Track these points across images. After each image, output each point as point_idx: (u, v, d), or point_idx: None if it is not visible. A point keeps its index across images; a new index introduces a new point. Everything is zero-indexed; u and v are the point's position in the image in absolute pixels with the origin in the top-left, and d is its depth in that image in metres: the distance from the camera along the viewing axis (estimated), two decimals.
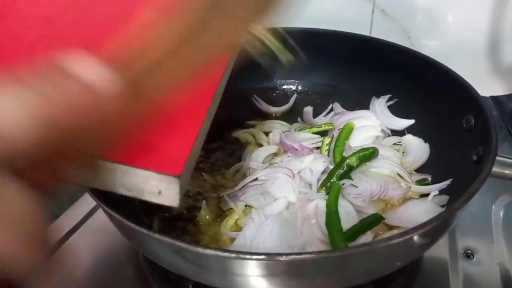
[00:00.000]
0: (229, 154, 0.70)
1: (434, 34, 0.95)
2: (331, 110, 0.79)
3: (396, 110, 0.75)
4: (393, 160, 0.64)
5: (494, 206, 0.67)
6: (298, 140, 0.68)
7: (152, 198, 0.36)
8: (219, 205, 0.60)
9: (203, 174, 0.65)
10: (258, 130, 0.76)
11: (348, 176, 0.61)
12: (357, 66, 0.79)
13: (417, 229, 0.40)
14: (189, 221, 0.59)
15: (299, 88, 0.85)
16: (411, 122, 0.72)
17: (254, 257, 0.38)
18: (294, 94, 0.84)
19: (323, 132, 0.72)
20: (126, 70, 0.24)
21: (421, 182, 0.62)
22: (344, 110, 0.78)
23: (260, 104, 0.82)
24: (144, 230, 0.40)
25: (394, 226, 0.56)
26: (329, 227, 0.53)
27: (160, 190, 0.35)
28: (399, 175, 0.63)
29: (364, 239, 0.52)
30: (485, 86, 0.72)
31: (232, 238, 0.55)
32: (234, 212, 0.58)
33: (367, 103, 0.76)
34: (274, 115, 0.81)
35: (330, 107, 0.80)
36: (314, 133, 0.72)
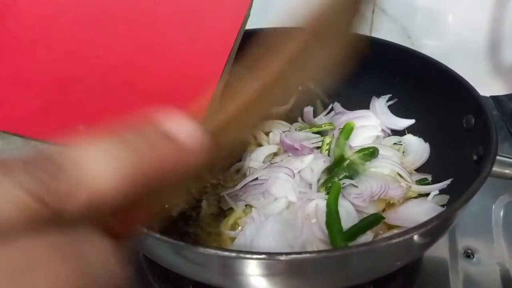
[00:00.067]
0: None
1: (434, 34, 0.95)
2: (332, 110, 0.79)
3: (396, 110, 0.74)
4: (393, 159, 0.64)
5: (494, 206, 0.67)
6: (299, 139, 0.68)
7: None
8: (220, 204, 0.60)
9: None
10: (258, 130, 0.75)
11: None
12: (357, 66, 0.79)
13: (417, 228, 0.40)
14: (189, 220, 0.59)
15: (299, 87, 0.85)
16: (411, 122, 0.72)
17: (254, 256, 0.38)
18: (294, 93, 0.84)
19: (323, 132, 0.72)
20: (209, 124, 0.25)
21: (421, 182, 0.62)
22: (344, 110, 0.77)
23: None
24: (144, 230, 0.40)
25: (394, 226, 0.56)
26: (329, 227, 0.53)
27: None
28: (399, 175, 0.63)
29: (364, 239, 0.52)
30: (485, 86, 0.72)
31: (232, 238, 0.55)
32: (234, 211, 0.59)
33: (367, 103, 0.76)
34: (274, 115, 0.81)
35: (330, 107, 0.80)
36: (315, 132, 0.71)
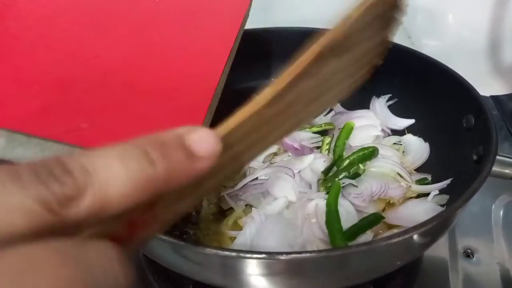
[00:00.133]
0: None
1: (434, 34, 0.95)
2: (331, 110, 0.79)
3: (396, 109, 0.74)
4: (393, 159, 0.64)
5: (494, 205, 0.67)
6: (298, 139, 0.68)
7: None
8: (220, 204, 0.60)
9: None
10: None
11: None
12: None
13: (417, 228, 0.40)
14: (189, 220, 0.59)
15: None
16: (411, 121, 0.72)
17: (254, 256, 0.38)
18: None
19: (323, 131, 0.72)
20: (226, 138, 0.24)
21: (421, 182, 0.62)
22: (344, 109, 0.77)
23: None
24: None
25: (394, 226, 0.56)
26: (329, 226, 0.53)
27: None
28: (399, 175, 0.63)
29: (364, 238, 0.52)
30: (485, 85, 0.72)
31: (232, 237, 0.55)
32: (234, 211, 0.59)
33: (367, 103, 0.76)
34: None
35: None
36: (314, 132, 0.71)
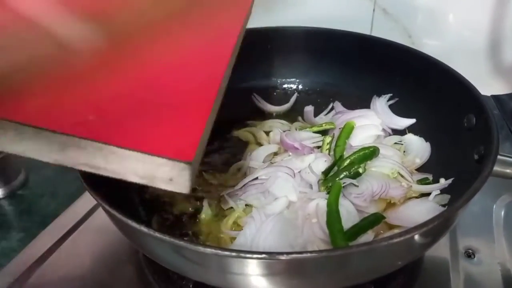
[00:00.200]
0: (229, 153, 0.70)
1: (435, 34, 0.95)
2: (332, 109, 0.79)
3: (397, 109, 0.74)
4: (394, 159, 0.64)
5: (495, 205, 0.67)
6: (299, 139, 0.68)
7: (163, 185, 0.36)
8: (220, 204, 0.60)
9: (204, 173, 0.65)
10: (258, 129, 0.75)
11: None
12: (358, 65, 0.79)
13: (418, 228, 0.40)
14: (189, 220, 0.59)
15: (300, 87, 0.85)
16: (412, 121, 0.72)
17: (254, 256, 0.38)
18: (294, 93, 0.84)
19: (324, 131, 0.72)
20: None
21: (422, 182, 0.62)
22: (344, 109, 0.77)
23: (260, 103, 0.82)
24: (144, 229, 0.40)
25: (395, 226, 0.55)
26: (330, 226, 0.53)
27: (171, 177, 0.35)
28: (400, 175, 0.62)
29: (365, 239, 0.52)
30: (486, 85, 0.72)
31: (232, 237, 0.55)
32: (234, 211, 0.58)
33: (368, 102, 0.76)
34: (275, 114, 0.81)
35: (330, 106, 0.80)
36: (315, 132, 0.71)
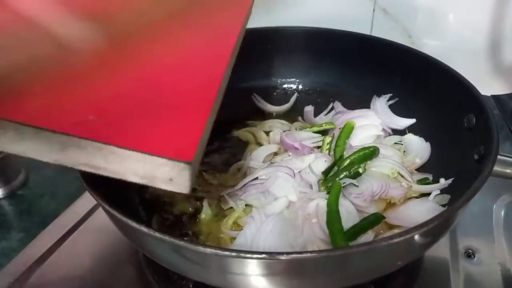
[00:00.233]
0: (229, 153, 0.70)
1: (435, 34, 0.95)
2: (332, 109, 0.79)
3: (397, 109, 0.74)
4: (394, 159, 0.64)
5: (495, 205, 0.67)
6: (299, 139, 0.68)
7: (163, 185, 0.36)
8: (220, 204, 0.60)
9: (204, 173, 0.65)
10: (258, 129, 0.75)
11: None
12: (358, 65, 0.79)
13: (418, 228, 0.40)
14: (189, 220, 0.59)
15: (300, 87, 0.85)
16: (412, 121, 0.72)
17: (255, 256, 0.38)
18: (294, 93, 0.84)
19: (324, 131, 0.72)
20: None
21: (422, 182, 0.62)
22: (345, 109, 0.77)
23: (260, 103, 0.82)
24: (144, 229, 0.40)
25: (395, 226, 0.55)
26: (330, 227, 0.53)
27: (171, 177, 0.35)
28: (400, 175, 0.62)
29: (365, 239, 0.52)
30: (486, 85, 0.72)
31: (232, 237, 0.55)
32: (234, 211, 0.58)
33: (368, 102, 0.76)
34: (275, 114, 0.81)
35: (331, 106, 0.80)
36: (315, 132, 0.71)
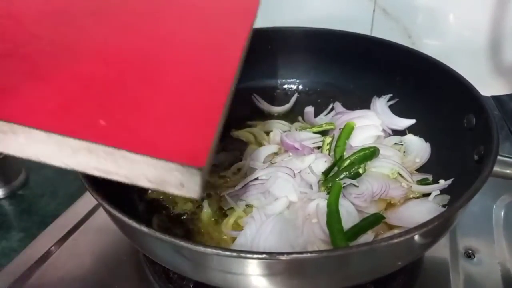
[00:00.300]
0: (229, 154, 0.70)
1: (435, 34, 0.95)
2: (332, 110, 0.79)
3: (397, 109, 0.74)
4: (394, 159, 0.64)
5: (495, 206, 0.67)
6: (299, 139, 0.68)
7: (174, 190, 0.36)
8: (220, 204, 0.60)
9: None
10: (259, 130, 0.75)
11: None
12: (358, 66, 0.79)
13: (418, 228, 0.40)
14: (189, 220, 0.59)
15: (300, 87, 0.85)
16: (412, 121, 0.72)
17: (255, 256, 0.38)
18: (295, 93, 0.84)
19: (324, 131, 0.72)
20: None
21: (422, 182, 0.62)
22: (345, 109, 0.77)
23: (260, 103, 0.82)
24: (145, 229, 0.40)
25: (395, 226, 0.55)
26: (330, 227, 0.53)
27: (182, 182, 0.35)
28: (400, 175, 0.62)
29: (365, 239, 0.52)
30: (486, 85, 0.72)
31: (233, 237, 0.55)
32: (235, 211, 0.58)
33: (368, 103, 0.76)
34: (275, 115, 0.81)
35: (331, 107, 0.80)
36: (315, 132, 0.71)
